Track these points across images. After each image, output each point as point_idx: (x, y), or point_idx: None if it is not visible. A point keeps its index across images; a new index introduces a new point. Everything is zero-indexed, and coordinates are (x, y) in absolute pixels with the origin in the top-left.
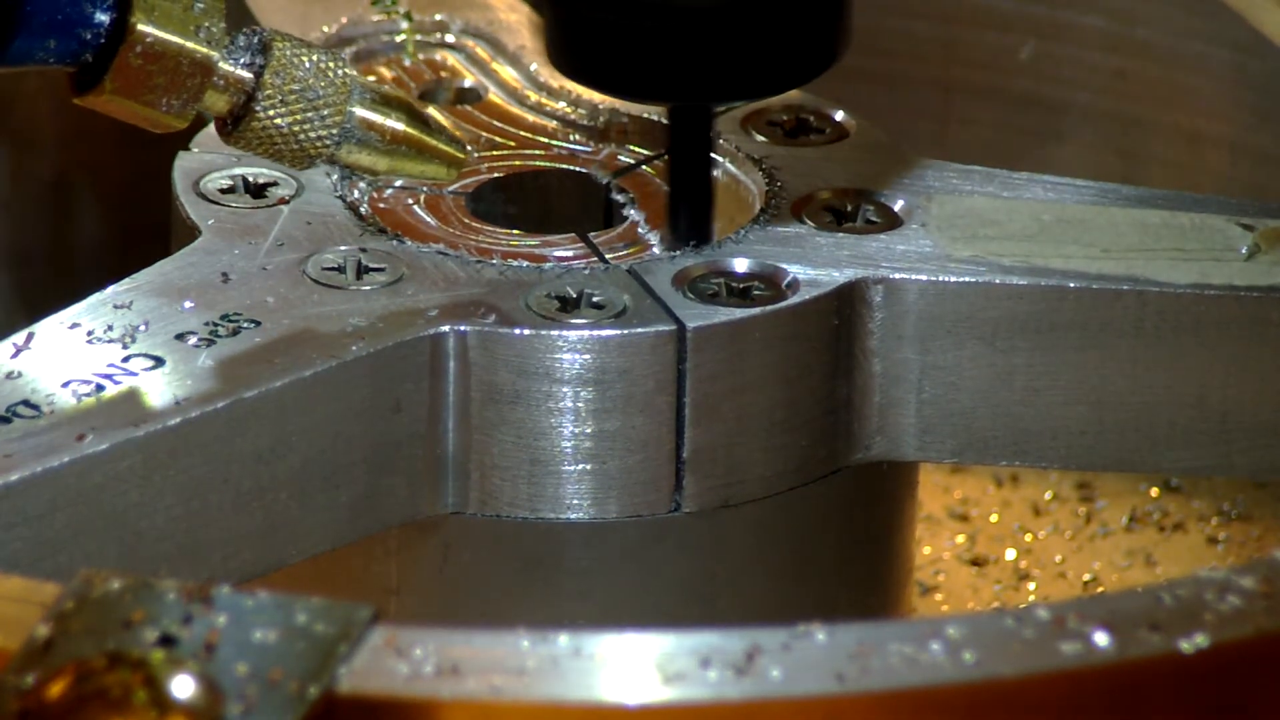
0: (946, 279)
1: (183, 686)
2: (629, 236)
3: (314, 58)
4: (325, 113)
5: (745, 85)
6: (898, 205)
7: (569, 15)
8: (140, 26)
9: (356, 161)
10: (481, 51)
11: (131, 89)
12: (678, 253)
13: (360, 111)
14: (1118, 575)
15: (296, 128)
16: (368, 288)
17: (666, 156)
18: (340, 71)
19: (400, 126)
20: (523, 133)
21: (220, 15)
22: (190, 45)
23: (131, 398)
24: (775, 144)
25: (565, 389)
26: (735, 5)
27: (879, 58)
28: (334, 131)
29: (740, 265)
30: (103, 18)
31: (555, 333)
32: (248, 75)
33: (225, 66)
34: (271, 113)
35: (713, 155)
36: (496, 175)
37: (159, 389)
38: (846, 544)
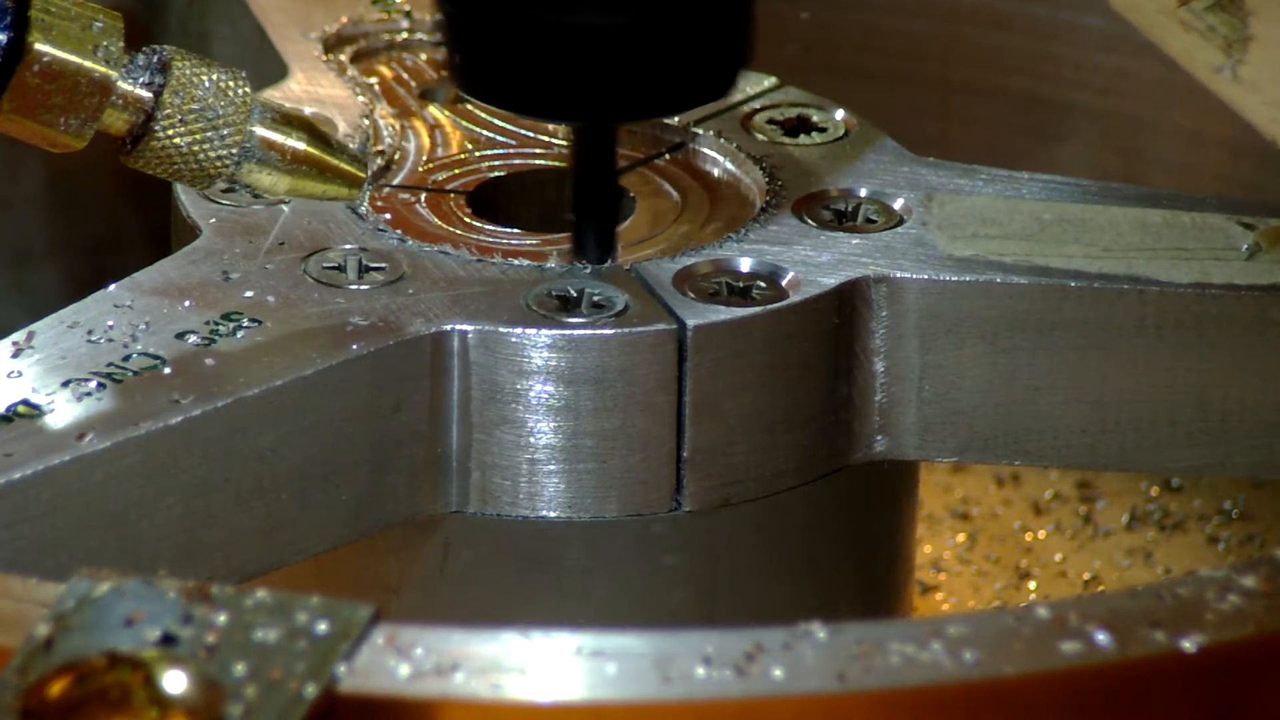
0: (947, 278)
1: (183, 686)
2: (630, 235)
3: (214, 77)
4: (225, 132)
5: (648, 104)
6: (898, 204)
7: (470, 34)
8: (38, 46)
9: (257, 181)
10: None
11: (29, 108)
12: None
13: (260, 131)
14: (1118, 575)
15: (196, 147)
16: (368, 287)
17: (667, 156)
18: (240, 90)
19: (301, 146)
20: (523, 131)
21: (119, 34)
22: (88, 64)
23: (132, 397)
24: (776, 143)
25: (565, 388)
26: (636, 25)
27: (879, 58)
28: (234, 151)
29: (741, 264)
30: None
31: (556, 332)
32: (147, 94)
33: (124, 86)
34: (170, 132)
35: (614, 172)
36: (496, 175)
37: (159, 388)
38: (847, 544)
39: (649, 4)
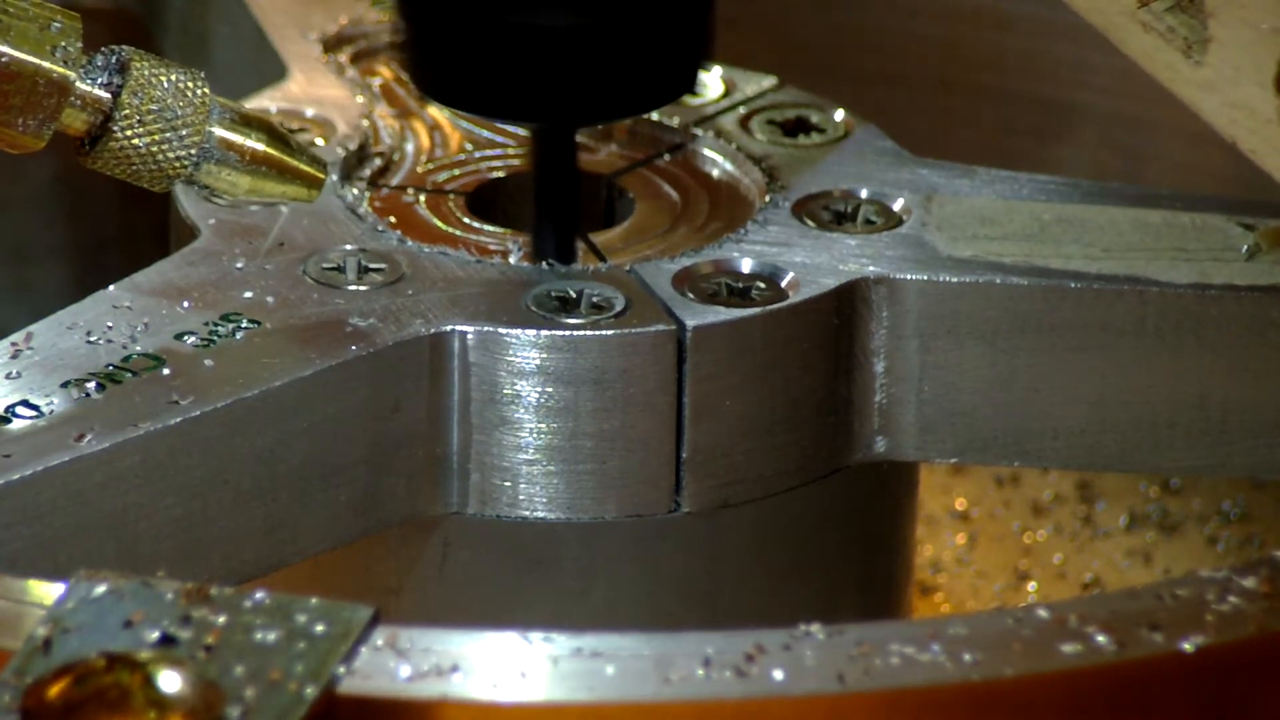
0: (947, 278)
1: (182, 687)
2: (630, 236)
3: (173, 77)
4: (184, 133)
5: (607, 106)
6: (898, 205)
7: (429, 35)
8: None
9: (216, 182)
10: None
11: None
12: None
13: (219, 131)
14: (1118, 575)
15: (155, 148)
16: (367, 287)
17: (667, 156)
18: (199, 91)
19: (260, 146)
20: (522, 132)
21: (78, 35)
22: (47, 65)
23: (131, 398)
24: (775, 143)
25: (565, 389)
26: (595, 26)
27: (879, 57)
28: (192, 152)
29: (740, 265)
30: None
31: (555, 332)
32: (105, 95)
33: (82, 86)
34: (129, 133)
35: (576, 174)
36: (496, 175)
37: (159, 389)
38: (846, 544)
39: (607, 5)
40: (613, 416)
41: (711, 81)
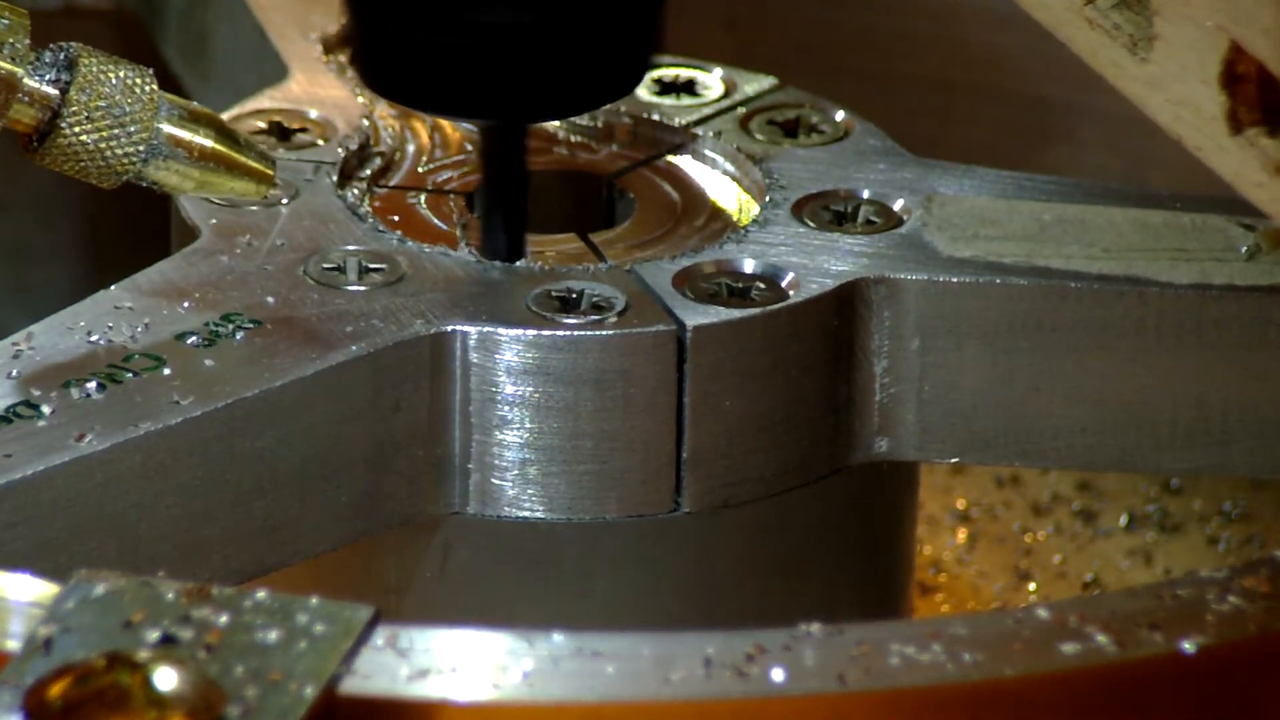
0: (947, 279)
1: (182, 686)
2: (630, 236)
3: (121, 74)
4: (132, 129)
5: (555, 104)
6: (898, 205)
7: (376, 32)
8: None
9: (164, 179)
10: None
11: None
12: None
13: (168, 128)
14: (1118, 575)
15: (103, 144)
16: (368, 287)
17: (667, 156)
18: (148, 88)
19: (208, 143)
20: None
21: (25, 32)
22: None
23: (131, 398)
24: (775, 144)
25: (565, 389)
26: (543, 23)
27: (879, 58)
28: (141, 148)
29: (740, 265)
30: None
31: (555, 333)
32: (53, 92)
33: (30, 83)
34: (78, 129)
35: (525, 171)
36: None
37: (159, 389)
38: (846, 544)
39: (554, 1)
40: (613, 416)
41: (711, 81)
